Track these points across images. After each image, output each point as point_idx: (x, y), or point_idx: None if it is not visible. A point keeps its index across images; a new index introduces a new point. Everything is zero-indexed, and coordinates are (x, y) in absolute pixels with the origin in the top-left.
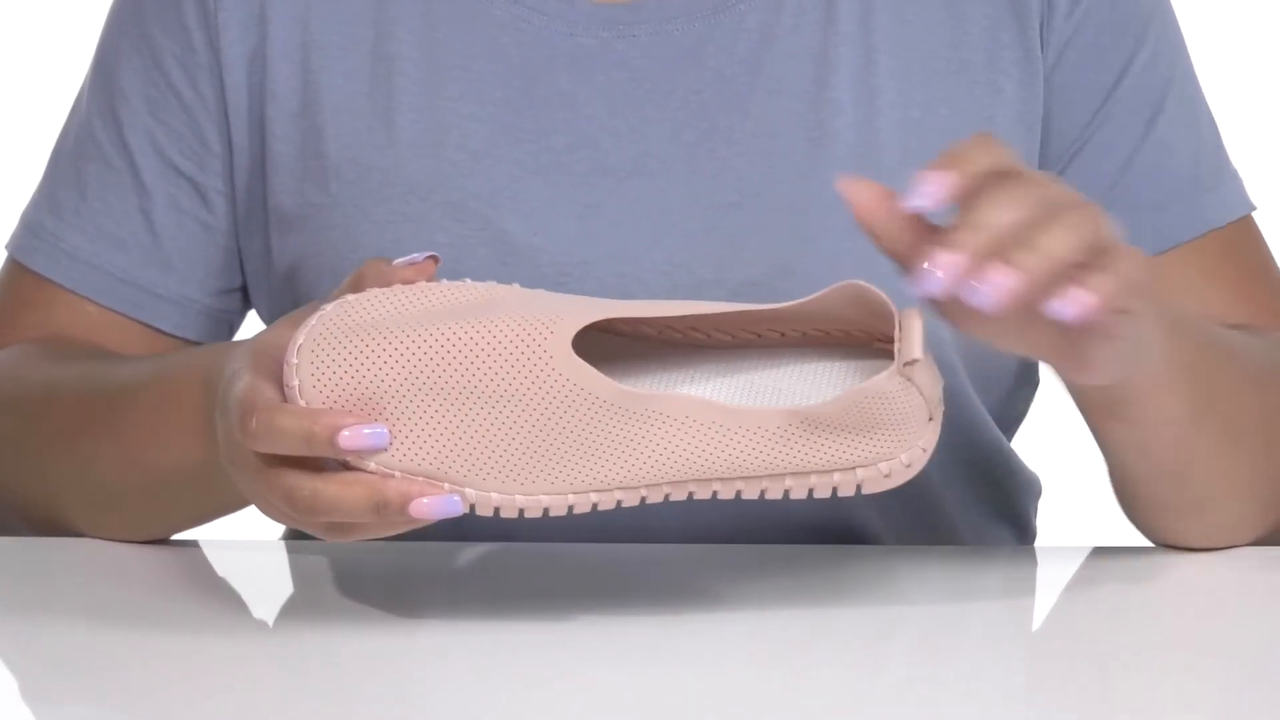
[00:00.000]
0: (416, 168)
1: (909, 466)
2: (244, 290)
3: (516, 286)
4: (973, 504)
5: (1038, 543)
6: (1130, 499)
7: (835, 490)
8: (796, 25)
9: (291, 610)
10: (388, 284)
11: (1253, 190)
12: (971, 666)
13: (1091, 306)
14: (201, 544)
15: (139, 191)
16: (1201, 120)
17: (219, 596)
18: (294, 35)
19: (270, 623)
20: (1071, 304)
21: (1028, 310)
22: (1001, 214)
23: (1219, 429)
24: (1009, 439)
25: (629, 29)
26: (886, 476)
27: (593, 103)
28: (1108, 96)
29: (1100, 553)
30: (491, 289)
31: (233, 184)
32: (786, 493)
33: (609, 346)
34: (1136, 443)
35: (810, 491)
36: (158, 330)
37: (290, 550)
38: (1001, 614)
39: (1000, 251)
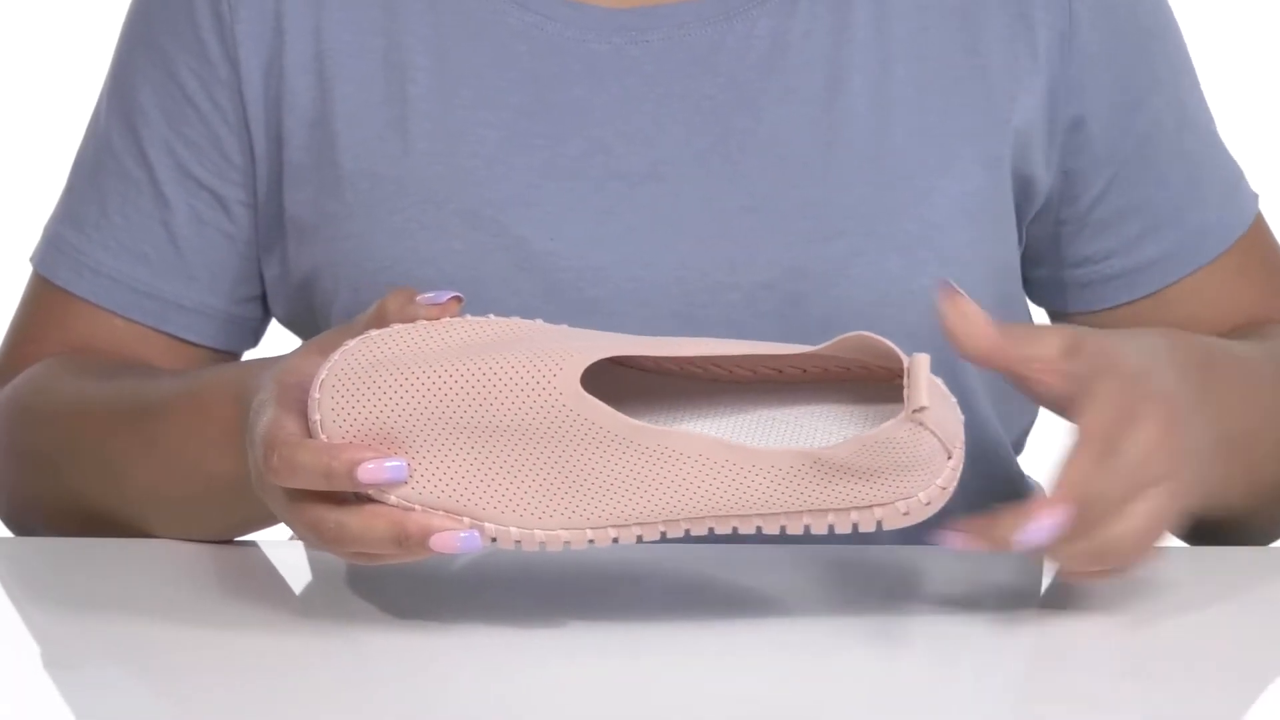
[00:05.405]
0: (430, 175)
1: (928, 505)
2: (264, 298)
3: (539, 322)
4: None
5: None
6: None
7: (856, 527)
8: (808, 31)
9: (307, 607)
10: (411, 320)
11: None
12: (972, 667)
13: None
14: (214, 543)
15: (159, 204)
16: (1210, 123)
17: (227, 595)
18: (308, 45)
19: (283, 620)
20: None
21: None
22: (1098, 495)
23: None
24: (1018, 454)
25: (641, 35)
26: (905, 514)
27: (606, 108)
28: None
29: None
30: (514, 325)
31: (255, 194)
32: (807, 529)
33: (630, 380)
34: (1209, 515)
35: (831, 528)
36: (182, 340)
37: (306, 548)
38: (1003, 614)
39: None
